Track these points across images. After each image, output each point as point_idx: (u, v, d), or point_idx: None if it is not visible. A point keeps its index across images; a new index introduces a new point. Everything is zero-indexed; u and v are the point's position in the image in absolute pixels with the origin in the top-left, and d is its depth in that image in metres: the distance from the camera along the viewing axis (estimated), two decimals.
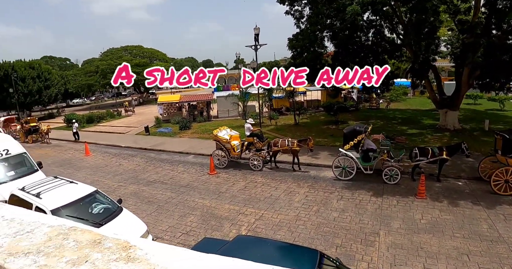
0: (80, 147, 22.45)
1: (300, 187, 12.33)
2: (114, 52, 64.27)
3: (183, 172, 14.91)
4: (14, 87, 41.90)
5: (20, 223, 2.10)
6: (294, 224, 9.54)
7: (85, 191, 8.48)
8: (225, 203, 11.21)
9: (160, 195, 12.21)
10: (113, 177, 14.80)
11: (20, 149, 12.43)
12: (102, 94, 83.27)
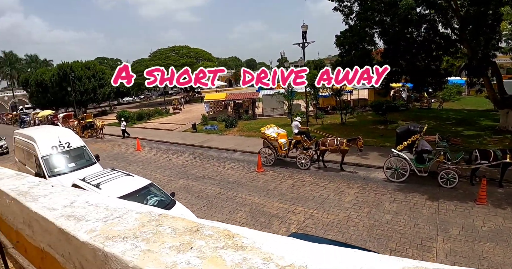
0: (131, 142, 23.49)
1: (349, 188, 12.04)
2: (162, 52, 66.54)
3: (230, 168, 15.12)
4: (72, 86, 44.74)
5: (107, 209, 2.19)
6: (345, 224, 9.33)
7: (141, 183, 8.81)
8: (274, 200, 11.21)
9: (209, 191, 12.47)
10: (163, 171, 15.34)
11: (80, 142, 13.22)
12: (150, 92, 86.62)
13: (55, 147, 12.31)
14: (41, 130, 14.82)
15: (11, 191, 3.32)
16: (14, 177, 4.48)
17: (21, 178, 4.34)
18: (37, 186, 3.37)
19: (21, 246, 3.33)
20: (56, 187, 3.16)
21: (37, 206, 2.50)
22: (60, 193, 2.83)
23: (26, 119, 45.51)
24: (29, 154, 13.28)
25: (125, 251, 1.51)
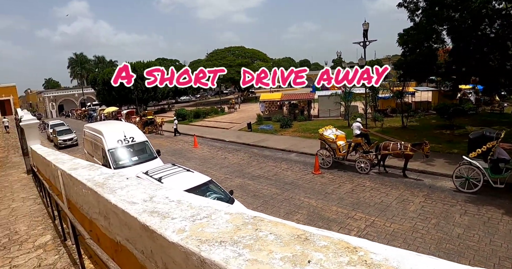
0: (188, 139, 24.23)
1: (414, 196, 11.32)
2: (218, 53, 68.02)
3: (286, 169, 14.95)
4: (135, 85, 47.26)
5: (190, 206, 2.10)
6: (411, 235, 8.75)
7: (200, 179, 8.94)
8: (332, 204, 10.86)
9: (265, 191, 12.40)
10: (220, 169, 15.57)
11: (143, 137, 13.84)
12: (206, 92, 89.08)
13: (121, 141, 12.99)
14: (108, 125, 15.75)
15: (87, 182, 3.44)
16: (88, 168, 4.70)
17: (95, 169, 4.52)
18: (112, 178, 3.46)
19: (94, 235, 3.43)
20: (131, 180, 3.21)
21: (116, 198, 2.52)
22: (136, 186, 2.85)
23: (93, 115, 49.01)
24: (96, 146, 14.17)
25: (228, 259, 1.38)
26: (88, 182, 3.34)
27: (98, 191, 2.86)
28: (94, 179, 3.42)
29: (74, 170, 4.42)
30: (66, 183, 4.84)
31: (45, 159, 7.80)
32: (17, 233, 6.36)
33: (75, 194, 4.29)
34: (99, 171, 3.96)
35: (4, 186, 13.69)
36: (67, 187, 4.90)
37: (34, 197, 10.08)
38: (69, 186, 4.69)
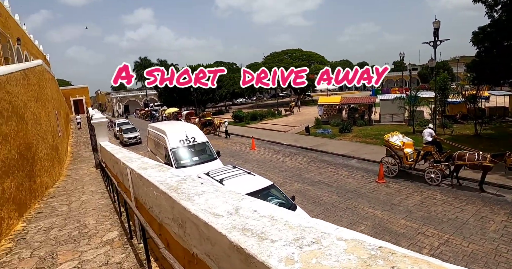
0: (246, 141, 24.31)
1: (494, 214, 10.13)
2: (275, 55, 68.12)
3: (348, 176, 14.26)
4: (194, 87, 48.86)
5: (288, 225, 1.74)
6: (493, 259, 7.76)
7: (262, 183, 8.67)
8: (400, 217, 10.06)
9: (326, 198, 11.88)
10: (278, 172, 15.29)
11: (204, 138, 13.99)
12: (262, 94, 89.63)
13: (182, 141, 13.24)
14: (171, 125, 16.19)
15: (160, 184, 3.30)
16: (158, 168, 4.62)
17: (165, 170, 4.42)
18: (185, 182, 3.29)
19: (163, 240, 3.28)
20: (207, 186, 2.99)
21: (196, 208, 2.29)
22: (214, 194, 2.62)
23: (155, 115, 51.38)
24: (159, 145, 14.60)
25: None
26: (161, 185, 3.21)
27: (173, 196, 2.69)
28: (166, 182, 3.29)
29: (144, 170, 4.38)
30: (135, 182, 4.84)
31: (114, 156, 8.06)
32: (86, 226, 6.58)
33: (144, 195, 4.24)
34: (169, 173, 3.85)
35: (75, 178, 14.61)
36: (135, 186, 4.90)
37: (101, 191, 10.54)
38: (137, 186, 4.68)
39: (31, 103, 12.54)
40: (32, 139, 11.16)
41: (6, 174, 7.57)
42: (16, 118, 9.54)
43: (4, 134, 7.96)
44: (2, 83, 8.73)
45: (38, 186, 10.79)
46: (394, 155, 13.93)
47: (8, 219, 7.16)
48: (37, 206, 9.74)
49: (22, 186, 8.89)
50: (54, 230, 6.62)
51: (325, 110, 30.36)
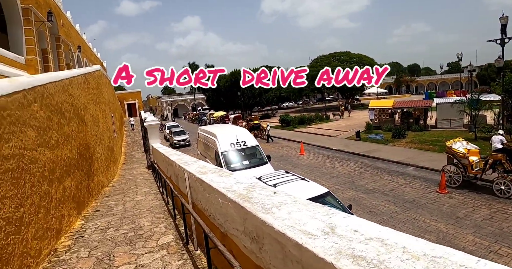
0: (294, 146, 23.90)
1: None
2: (323, 59, 66.90)
3: (405, 185, 13.38)
4: (241, 91, 49.28)
5: (410, 253, 1.31)
6: None
7: (318, 190, 8.26)
8: (467, 232, 9.16)
9: (382, 207, 11.17)
10: (329, 179, 14.73)
11: (254, 142, 13.80)
12: (308, 98, 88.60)
13: (233, 144, 13.14)
14: (221, 128, 16.20)
15: (227, 192, 3.01)
16: (219, 173, 4.38)
17: (227, 175, 4.18)
18: (255, 190, 3.01)
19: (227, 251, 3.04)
20: (281, 195, 2.68)
21: (279, 223, 1.96)
22: (295, 206, 2.29)
23: (203, 118, 52.51)
24: (209, 148, 14.65)
25: None
26: (228, 192, 2.97)
27: (247, 207, 2.42)
28: (233, 189, 3.05)
29: (204, 174, 4.19)
30: (194, 186, 4.68)
31: (168, 158, 8.06)
32: (141, 228, 6.58)
33: (204, 200, 4.04)
34: (232, 179, 3.62)
35: (129, 178, 15.07)
36: (194, 190, 4.75)
37: (154, 192, 10.68)
38: (196, 190, 4.51)
39: (90, 105, 13.11)
40: (91, 140, 11.61)
41: (67, 173, 7.84)
42: (77, 119, 9.94)
43: (66, 134, 8.27)
44: (65, 86, 9.12)
45: (95, 185, 11.19)
46: (457, 163, 12.86)
47: (68, 217, 7.38)
48: (94, 204, 10.06)
49: (81, 184, 9.20)
50: (111, 230, 6.70)
51: (377, 115, 29.13)
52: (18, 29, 15.24)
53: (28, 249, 4.85)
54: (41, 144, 6.13)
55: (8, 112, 4.80)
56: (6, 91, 4.86)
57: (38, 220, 5.43)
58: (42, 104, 6.58)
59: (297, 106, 79.67)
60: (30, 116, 5.76)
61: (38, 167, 5.79)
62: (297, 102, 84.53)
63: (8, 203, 4.37)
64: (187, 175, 5.02)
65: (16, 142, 4.96)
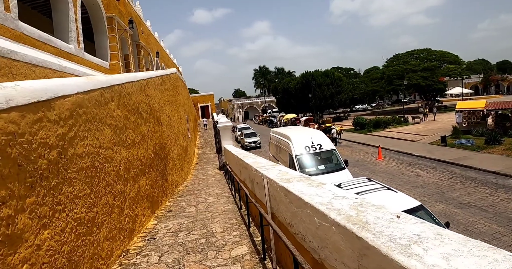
0: (370, 150, 22.38)
1: None
2: (400, 57, 62.85)
3: (507, 200, 11.41)
4: (313, 93, 48.18)
5: None
6: None
7: (408, 203, 7.14)
8: None
9: (482, 226, 9.56)
10: (413, 188, 13.24)
11: (330, 145, 12.91)
12: (382, 100, 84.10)
13: (308, 148, 12.41)
14: (296, 130, 15.55)
15: (327, 210, 2.22)
16: (307, 182, 3.64)
17: (318, 185, 3.44)
18: (366, 210, 2.24)
19: None
20: (413, 222, 1.89)
21: None
22: (447, 243, 1.52)
23: (274, 121, 52.35)
24: (282, 151, 14.08)
25: None
26: (330, 211, 2.31)
27: (367, 239, 1.72)
28: (334, 207, 2.39)
29: (288, 183, 3.59)
30: (275, 195, 4.11)
31: (243, 161, 7.64)
32: (213, 234, 6.20)
33: (289, 214, 3.43)
34: (327, 191, 2.96)
35: (201, 179, 15.14)
36: (274, 200, 4.17)
37: (226, 195, 10.40)
38: (278, 200, 3.93)
39: (167, 106, 13.36)
40: (166, 140, 11.76)
41: (142, 172, 7.83)
42: (153, 119, 10.05)
43: (143, 134, 8.29)
44: (143, 87, 9.23)
45: (169, 184, 11.28)
46: None
47: (142, 216, 7.33)
48: (167, 204, 10.08)
49: (156, 184, 9.22)
50: (182, 234, 6.43)
51: (465, 117, 26.12)
52: (103, 37, 16.26)
53: (99, 250, 4.69)
54: (117, 143, 6.07)
55: (84, 110, 4.70)
56: (83, 88, 4.77)
57: (111, 220, 5.30)
58: (119, 103, 6.57)
59: (371, 108, 75.96)
60: (106, 114, 5.70)
61: (113, 166, 5.71)
62: (370, 104, 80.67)
63: (80, 203, 4.21)
64: (266, 182, 4.47)
65: (92, 141, 4.85)
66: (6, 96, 3.00)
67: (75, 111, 4.38)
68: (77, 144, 4.33)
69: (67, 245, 3.76)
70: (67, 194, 3.90)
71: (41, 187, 3.36)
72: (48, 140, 3.60)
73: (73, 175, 4.09)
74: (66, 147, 4.00)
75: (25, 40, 9.04)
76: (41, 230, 3.30)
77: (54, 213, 3.57)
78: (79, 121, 4.47)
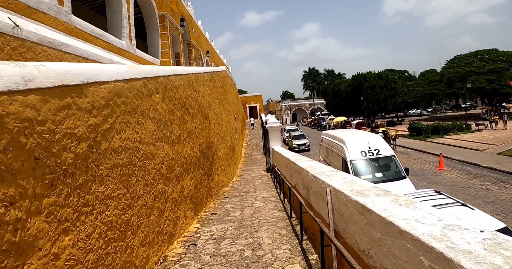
0: (428, 158, 20.60)
1: None
2: (461, 58, 58.44)
3: None
4: (365, 95, 46.06)
5: None
6: None
7: (491, 224, 5.93)
8: None
9: None
10: (484, 204, 11.63)
11: (389, 151, 11.73)
12: (439, 105, 78.71)
13: (364, 153, 11.34)
14: (351, 133, 14.48)
15: (454, 253, 1.32)
16: (390, 198, 2.71)
17: (408, 204, 2.57)
18: (464, 235, 1.49)
19: None
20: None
21: None
22: None
23: (323, 123, 50.83)
24: (333, 154, 13.10)
25: None
26: (460, 257, 1.49)
27: None
28: (460, 247, 1.59)
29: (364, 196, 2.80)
30: (341, 210, 3.33)
31: (295, 164, 6.89)
32: (260, 246, 5.50)
33: (366, 239, 2.63)
34: (427, 214, 2.16)
35: (247, 180, 14.57)
36: (339, 215, 3.39)
37: (274, 200, 9.69)
38: (346, 217, 3.15)
39: (215, 104, 12.95)
40: (214, 138, 11.31)
41: (187, 171, 7.35)
42: (201, 116, 9.61)
43: (189, 130, 7.83)
44: (191, 81, 8.80)
45: (215, 184, 10.80)
46: None
47: (184, 218, 6.83)
48: (212, 205, 9.58)
49: (201, 184, 8.75)
50: (226, 243, 5.80)
51: None
52: (155, 34, 16.31)
53: (133, 258, 4.17)
54: (160, 139, 5.59)
55: (123, 100, 4.22)
56: (123, 76, 4.30)
57: (149, 223, 4.80)
58: (165, 96, 6.10)
59: (426, 113, 71.42)
60: (149, 107, 5.23)
61: (154, 163, 5.22)
62: (426, 109, 75.93)
63: (113, 204, 3.70)
64: (329, 192, 3.69)
65: (131, 134, 4.36)
66: (24, 76, 2.51)
67: (112, 100, 3.90)
68: (113, 137, 3.84)
69: (93, 253, 3.25)
70: (97, 194, 3.40)
71: (64, 185, 2.86)
72: (76, 131, 3.10)
73: (105, 172, 3.59)
74: (99, 140, 3.51)
75: (78, 34, 8.97)
76: (61, 236, 2.79)
77: (79, 216, 3.06)
78: (116, 111, 3.99)
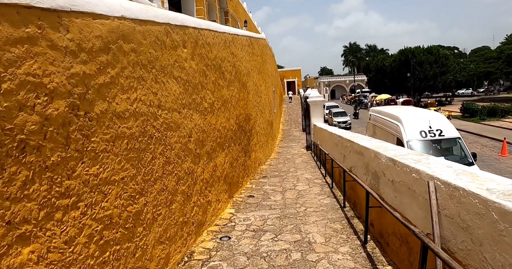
0: (487, 143, 18.41)
1: None
2: None
3: None
4: (412, 72, 42.62)
5: None
6: None
7: None
8: None
9: None
10: None
11: (454, 132, 9.99)
12: (492, 85, 72.09)
13: (424, 132, 9.71)
14: (408, 110, 12.75)
15: None
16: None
17: None
18: None
19: None
20: None
21: None
22: None
23: (364, 101, 48.15)
24: (385, 133, 11.53)
25: None
26: None
27: None
28: None
29: None
30: (460, 217, 2.05)
31: (352, 142, 5.56)
32: (311, 245, 4.30)
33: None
34: None
35: (287, 158, 13.40)
36: (452, 222, 2.12)
37: (320, 183, 8.44)
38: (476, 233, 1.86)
39: (254, 73, 11.66)
40: (252, 111, 10.11)
41: (221, 146, 6.24)
42: (238, 84, 8.39)
43: (224, 99, 6.65)
44: (228, 42, 7.53)
45: (252, 162, 9.70)
46: None
47: (216, 203, 5.77)
48: (248, 186, 8.51)
49: (237, 161, 7.65)
50: (266, 237, 4.66)
51: None
52: (190, 1, 15.07)
53: (145, 261, 3.12)
54: (187, 105, 4.43)
55: (133, 46, 3.04)
56: (135, 15, 3.11)
57: (170, 213, 3.73)
58: (195, 53, 4.89)
59: (478, 94, 65.72)
60: (174, 63, 4.04)
61: (179, 136, 4.09)
62: (477, 89, 69.95)
63: (114, 192, 2.60)
64: (433, 188, 2.41)
65: (145, 95, 3.21)
66: None
67: (115, 44, 2.73)
68: (115, 96, 2.69)
69: (77, 266, 2.18)
70: (86, 177, 2.30)
71: (19, 165, 1.76)
72: (46, 81, 1.96)
73: (101, 147, 2.47)
74: (90, 98, 2.37)
75: None
76: (13, 248, 1.72)
77: (50, 213, 1.97)
78: (122, 61, 2.83)
